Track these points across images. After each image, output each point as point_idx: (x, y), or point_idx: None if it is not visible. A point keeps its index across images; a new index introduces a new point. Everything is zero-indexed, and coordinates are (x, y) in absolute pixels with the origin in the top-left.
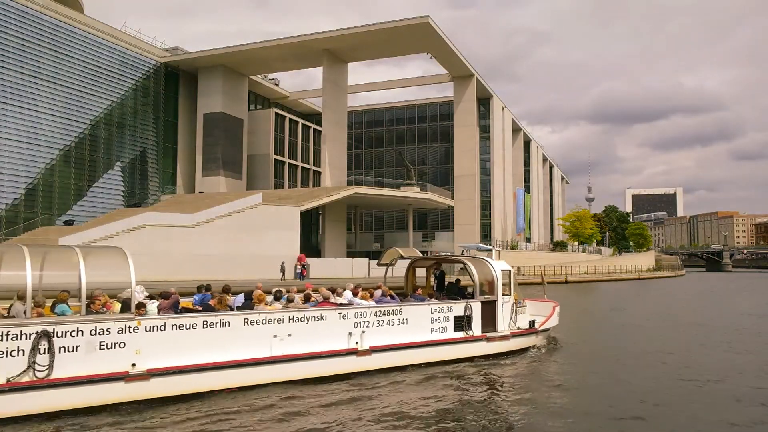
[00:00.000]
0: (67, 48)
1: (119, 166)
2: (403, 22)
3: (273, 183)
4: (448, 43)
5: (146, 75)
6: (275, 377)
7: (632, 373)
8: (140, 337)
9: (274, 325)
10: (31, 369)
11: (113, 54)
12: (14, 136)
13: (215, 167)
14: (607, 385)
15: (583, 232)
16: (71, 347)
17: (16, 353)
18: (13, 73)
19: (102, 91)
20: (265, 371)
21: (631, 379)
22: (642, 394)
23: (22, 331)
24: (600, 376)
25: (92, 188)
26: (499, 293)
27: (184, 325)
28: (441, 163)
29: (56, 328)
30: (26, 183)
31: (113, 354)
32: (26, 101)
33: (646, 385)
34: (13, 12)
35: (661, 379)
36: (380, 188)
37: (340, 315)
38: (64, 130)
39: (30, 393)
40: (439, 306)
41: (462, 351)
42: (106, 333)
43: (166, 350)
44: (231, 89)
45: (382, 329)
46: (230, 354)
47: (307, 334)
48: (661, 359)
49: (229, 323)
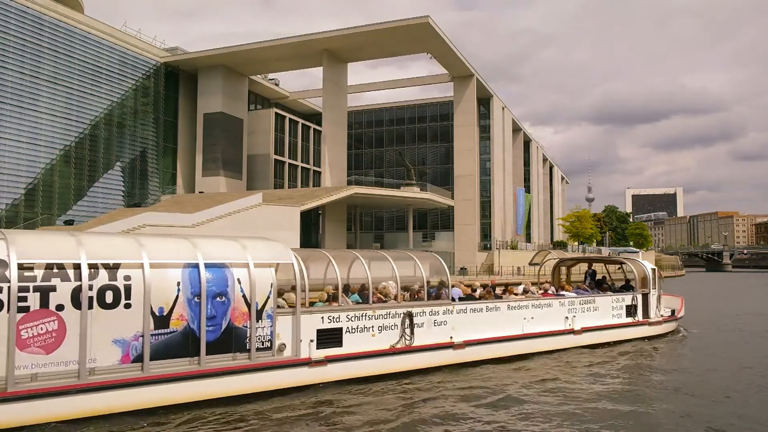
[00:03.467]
0: (66, 48)
1: (119, 166)
2: (403, 22)
3: (273, 183)
4: (447, 43)
5: (146, 75)
6: (525, 349)
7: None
8: (454, 317)
9: (524, 311)
10: (402, 338)
11: (113, 54)
12: (14, 136)
13: (215, 167)
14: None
15: (583, 232)
16: (420, 324)
17: (393, 327)
18: (13, 73)
19: (102, 91)
20: (518, 345)
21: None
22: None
23: (396, 312)
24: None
25: (92, 188)
26: (650, 287)
27: (476, 309)
28: (441, 163)
29: (413, 310)
30: (26, 183)
31: (441, 329)
32: (26, 101)
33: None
34: (13, 12)
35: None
36: (380, 188)
37: (560, 303)
38: (64, 130)
39: (399, 356)
40: (617, 297)
41: (632, 333)
42: (437, 314)
43: (467, 327)
44: (231, 89)
45: (585, 314)
46: (501, 331)
47: (540, 317)
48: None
49: (498, 308)
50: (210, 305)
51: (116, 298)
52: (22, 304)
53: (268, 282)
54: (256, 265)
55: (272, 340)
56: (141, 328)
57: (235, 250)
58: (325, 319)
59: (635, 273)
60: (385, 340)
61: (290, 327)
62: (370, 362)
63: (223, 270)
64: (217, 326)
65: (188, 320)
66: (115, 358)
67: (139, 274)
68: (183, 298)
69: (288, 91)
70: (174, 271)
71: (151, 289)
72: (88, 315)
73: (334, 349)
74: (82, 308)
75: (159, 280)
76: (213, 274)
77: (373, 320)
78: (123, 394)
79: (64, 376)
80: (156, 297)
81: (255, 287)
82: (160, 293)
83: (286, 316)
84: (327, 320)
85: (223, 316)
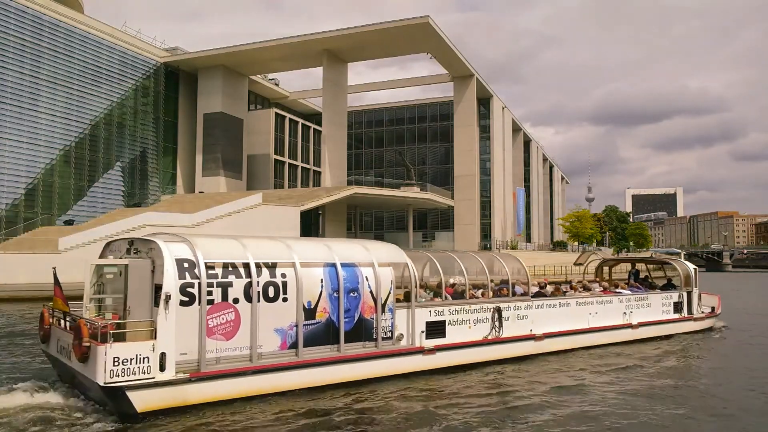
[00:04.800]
0: (66, 48)
1: (119, 166)
2: (403, 22)
3: (273, 183)
4: (448, 43)
5: (146, 75)
6: (591, 341)
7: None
8: (533, 312)
9: (589, 306)
10: (493, 330)
11: (113, 54)
12: (14, 136)
13: (215, 167)
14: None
15: (583, 232)
16: (507, 317)
17: (486, 321)
18: (13, 73)
19: (102, 91)
20: (587, 337)
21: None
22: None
23: (488, 307)
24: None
25: (92, 188)
26: (693, 285)
27: (551, 304)
28: (441, 163)
29: (501, 305)
30: (26, 183)
31: (523, 323)
32: (26, 101)
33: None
34: (12, 12)
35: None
36: (380, 188)
37: (618, 300)
38: (64, 130)
39: (489, 347)
40: (667, 294)
41: (680, 328)
42: (520, 309)
43: (544, 321)
44: (231, 89)
45: (640, 310)
46: (572, 324)
47: (603, 313)
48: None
49: (569, 304)
50: (346, 299)
51: (276, 293)
52: (209, 297)
53: (389, 279)
54: (379, 264)
55: (392, 331)
56: (295, 319)
57: (361, 251)
58: (432, 313)
59: (680, 272)
60: (479, 332)
61: (406, 319)
62: (468, 351)
63: (354, 269)
64: (351, 318)
65: (329, 312)
66: (276, 344)
67: (292, 273)
68: (325, 293)
69: (288, 91)
70: (317, 269)
71: (302, 286)
72: (257, 307)
73: (439, 340)
74: (253, 301)
75: (307, 277)
76: (347, 272)
77: (469, 314)
78: (283, 375)
79: (239, 359)
80: (305, 292)
81: (380, 284)
82: (308, 289)
83: (403, 310)
84: (434, 314)
85: (356, 309)
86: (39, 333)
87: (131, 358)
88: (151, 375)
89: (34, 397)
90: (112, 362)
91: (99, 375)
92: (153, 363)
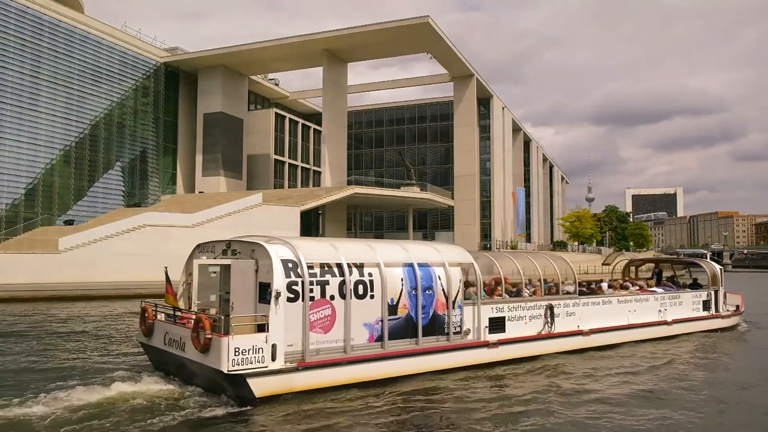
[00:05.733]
0: (66, 48)
1: (119, 166)
2: (403, 22)
3: (273, 183)
4: (447, 43)
5: (146, 75)
6: (631, 337)
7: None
8: (581, 309)
9: (628, 304)
10: (546, 325)
11: (113, 54)
12: (14, 136)
13: (215, 167)
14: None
15: (583, 232)
16: (558, 314)
17: (539, 317)
18: (13, 73)
19: (102, 91)
20: (628, 333)
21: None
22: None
23: (541, 304)
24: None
25: (92, 188)
26: (720, 284)
27: (595, 302)
28: (441, 163)
29: (553, 302)
30: (26, 183)
31: (571, 319)
32: (26, 101)
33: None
34: (12, 12)
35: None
36: (380, 188)
37: (654, 298)
38: (64, 130)
39: (543, 341)
40: (696, 293)
41: (709, 325)
42: (569, 306)
43: (590, 317)
44: (231, 89)
45: (673, 308)
46: (614, 321)
47: (641, 310)
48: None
49: (611, 302)
50: (422, 297)
51: (365, 291)
52: (310, 294)
53: (458, 278)
54: (449, 264)
55: (461, 326)
56: (380, 314)
57: (433, 253)
58: (494, 309)
59: (708, 272)
60: (534, 328)
61: (472, 315)
62: (525, 345)
63: (428, 269)
64: (426, 314)
65: (409, 308)
66: (365, 337)
67: (377, 272)
68: (405, 291)
69: (288, 91)
70: (398, 269)
71: (386, 284)
72: (349, 304)
73: (500, 334)
74: (346, 298)
75: (390, 276)
76: (423, 272)
77: (525, 311)
78: (371, 366)
79: (335, 351)
80: (389, 290)
81: (450, 282)
82: (391, 287)
83: (469, 306)
84: (495, 310)
85: (431, 305)
86: (140, 327)
87: (248, 349)
88: (264, 364)
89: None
90: (234, 352)
91: (223, 364)
92: (266, 353)
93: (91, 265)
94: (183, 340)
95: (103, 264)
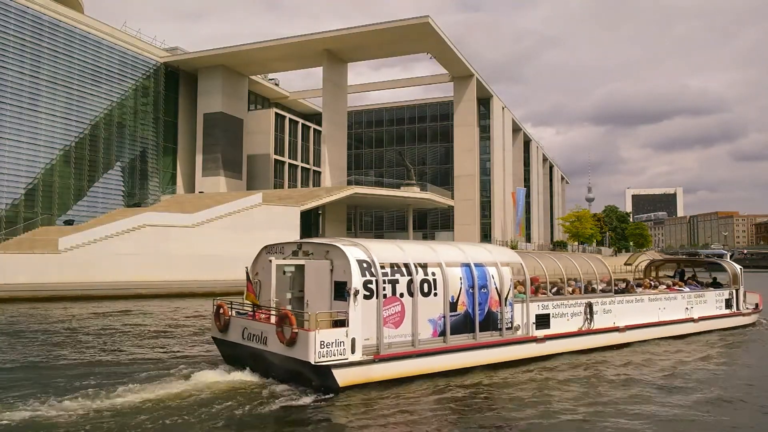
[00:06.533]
0: (66, 48)
1: (119, 166)
2: (403, 22)
3: (273, 183)
4: (447, 43)
5: (146, 75)
6: (662, 333)
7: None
8: (616, 307)
9: (659, 302)
10: (586, 322)
11: (113, 54)
12: (14, 136)
13: (215, 167)
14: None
15: (583, 231)
16: (597, 311)
17: (580, 314)
18: (13, 74)
19: (102, 91)
20: (659, 330)
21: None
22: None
23: (581, 302)
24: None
25: (92, 188)
26: (740, 283)
27: (629, 300)
28: (441, 163)
29: (591, 300)
30: (26, 183)
31: (608, 316)
32: (26, 101)
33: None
34: (12, 12)
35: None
36: (380, 188)
37: (681, 296)
38: (64, 130)
39: (583, 337)
40: (719, 292)
41: (731, 322)
42: (606, 304)
43: (624, 315)
44: (231, 89)
45: (698, 306)
46: (646, 318)
47: (670, 308)
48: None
49: (643, 300)
50: (479, 294)
51: (429, 289)
52: (383, 292)
53: (509, 277)
54: (501, 264)
55: (512, 322)
56: (442, 311)
57: (486, 253)
58: (540, 307)
59: (729, 272)
60: (575, 324)
61: (521, 312)
62: (568, 341)
63: (483, 268)
64: (482, 311)
65: (467, 305)
66: (429, 332)
67: (439, 272)
68: (464, 289)
69: (288, 91)
70: (457, 269)
71: (448, 283)
72: (416, 301)
73: (545, 330)
74: (413, 296)
75: (450, 276)
76: (478, 271)
77: (567, 308)
78: (436, 359)
79: (404, 345)
80: (450, 288)
81: (503, 281)
82: (451, 285)
83: (519, 304)
84: (541, 307)
85: (486, 303)
86: (215, 323)
87: (331, 342)
88: (345, 356)
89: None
90: (319, 345)
91: (310, 356)
92: (347, 346)
93: (91, 265)
94: (265, 335)
95: (103, 264)
